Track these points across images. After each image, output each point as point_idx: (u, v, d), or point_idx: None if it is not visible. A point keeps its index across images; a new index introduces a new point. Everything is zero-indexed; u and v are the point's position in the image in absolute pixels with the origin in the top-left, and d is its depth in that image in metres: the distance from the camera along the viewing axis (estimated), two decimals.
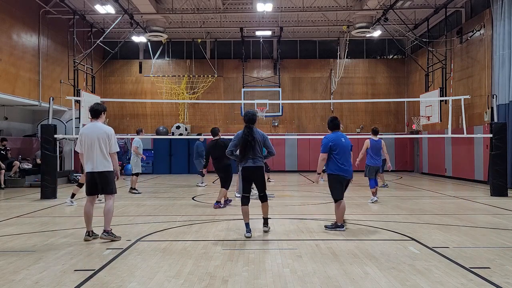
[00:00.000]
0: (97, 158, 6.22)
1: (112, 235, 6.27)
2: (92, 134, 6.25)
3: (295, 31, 22.33)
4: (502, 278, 4.46)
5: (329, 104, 23.35)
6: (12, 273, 4.71)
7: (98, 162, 6.22)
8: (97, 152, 6.22)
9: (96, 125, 6.36)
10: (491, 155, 12.01)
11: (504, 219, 8.12)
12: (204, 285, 4.31)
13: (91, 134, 6.25)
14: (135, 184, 13.02)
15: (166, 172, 21.98)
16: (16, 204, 10.56)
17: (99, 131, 6.28)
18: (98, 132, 6.26)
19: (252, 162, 6.62)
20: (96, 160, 6.21)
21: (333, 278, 4.50)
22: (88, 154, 6.25)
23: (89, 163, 6.24)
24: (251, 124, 6.70)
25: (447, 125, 12.73)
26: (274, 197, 11.78)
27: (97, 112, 6.43)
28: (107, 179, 6.26)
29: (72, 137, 15.34)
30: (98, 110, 6.43)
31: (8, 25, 14.94)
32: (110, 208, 6.30)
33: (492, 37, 14.69)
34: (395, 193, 12.95)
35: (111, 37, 21.40)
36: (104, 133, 6.28)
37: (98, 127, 6.33)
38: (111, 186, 6.30)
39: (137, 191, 12.86)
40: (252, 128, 6.67)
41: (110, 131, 6.36)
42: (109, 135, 6.30)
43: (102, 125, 6.43)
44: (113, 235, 6.28)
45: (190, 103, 23.16)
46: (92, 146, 6.21)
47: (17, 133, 17.73)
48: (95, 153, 6.22)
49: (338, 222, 7.04)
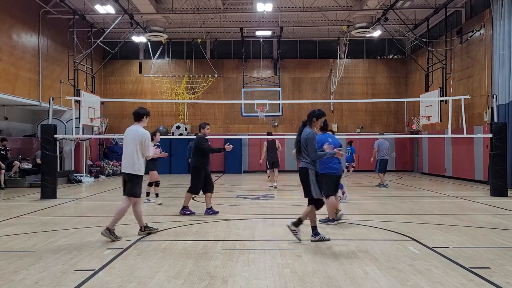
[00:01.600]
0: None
1: (114, 235, 6.29)
2: (127, 136, 6.47)
3: (295, 31, 22.33)
4: (502, 278, 4.46)
5: (329, 104, 23.35)
6: (12, 273, 4.71)
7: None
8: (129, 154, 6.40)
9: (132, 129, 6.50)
10: (491, 155, 12.01)
11: (504, 219, 8.12)
12: (204, 285, 4.31)
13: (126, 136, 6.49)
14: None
15: (166, 172, 21.96)
16: (16, 204, 10.55)
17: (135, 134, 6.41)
18: (133, 135, 6.41)
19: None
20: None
21: (333, 278, 4.50)
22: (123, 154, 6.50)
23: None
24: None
25: (447, 125, 12.73)
26: (274, 197, 11.79)
27: (138, 115, 6.55)
28: (132, 181, 6.37)
29: (72, 137, 15.39)
30: (139, 114, 6.56)
31: (8, 25, 14.94)
32: (123, 209, 6.39)
33: (492, 37, 14.68)
34: (395, 193, 12.94)
35: (111, 37, 21.40)
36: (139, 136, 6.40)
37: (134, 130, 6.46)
38: (133, 188, 6.36)
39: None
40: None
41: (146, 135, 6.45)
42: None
43: (139, 128, 6.50)
44: (114, 235, 6.30)
45: (190, 103, 23.16)
46: (126, 147, 6.41)
47: (17, 133, 17.73)
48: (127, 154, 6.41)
49: (330, 217, 7.44)
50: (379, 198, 11.56)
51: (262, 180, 17.88)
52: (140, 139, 6.34)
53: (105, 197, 12.06)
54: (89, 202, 11.18)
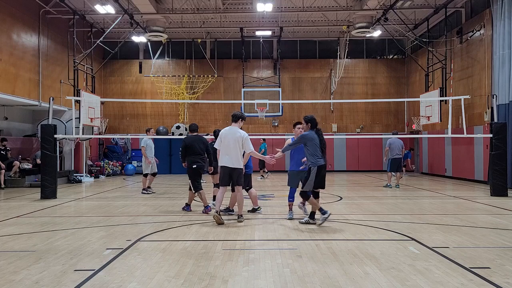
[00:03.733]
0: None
1: (242, 217, 7.79)
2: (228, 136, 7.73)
3: (295, 31, 22.33)
4: (502, 278, 4.46)
5: (329, 104, 23.36)
6: (12, 273, 4.71)
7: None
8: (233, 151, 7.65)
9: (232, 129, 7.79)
10: (491, 155, 12.01)
11: (504, 219, 8.12)
12: (204, 285, 4.31)
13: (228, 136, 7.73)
14: (145, 184, 12.75)
15: (166, 172, 21.96)
16: (16, 204, 10.55)
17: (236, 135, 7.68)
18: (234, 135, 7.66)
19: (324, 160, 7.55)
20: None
21: (333, 278, 4.50)
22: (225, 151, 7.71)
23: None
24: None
25: (447, 125, 12.72)
26: (274, 197, 11.79)
27: (235, 117, 7.99)
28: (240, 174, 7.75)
29: (72, 137, 15.39)
30: (236, 116, 7.99)
31: (8, 25, 14.94)
32: (240, 197, 7.79)
33: (492, 37, 14.69)
34: (395, 193, 12.94)
35: (111, 37, 21.40)
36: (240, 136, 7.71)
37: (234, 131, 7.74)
38: (241, 179, 7.78)
39: (146, 191, 12.60)
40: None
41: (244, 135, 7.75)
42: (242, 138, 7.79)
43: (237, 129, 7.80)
44: (242, 217, 7.79)
45: (190, 103, 23.16)
46: (228, 145, 7.63)
47: (17, 133, 17.73)
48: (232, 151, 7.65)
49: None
50: (379, 198, 11.56)
51: (262, 180, 17.90)
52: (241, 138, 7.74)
53: (105, 197, 12.06)
54: (89, 202, 11.18)
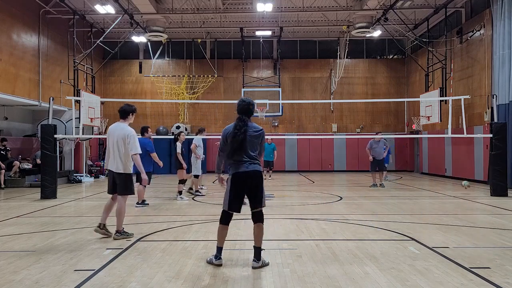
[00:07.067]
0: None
1: (125, 233, 6.40)
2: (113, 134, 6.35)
3: (295, 31, 22.32)
4: (502, 278, 4.46)
5: (329, 104, 23.35)
6: (12, 273, 4.71)
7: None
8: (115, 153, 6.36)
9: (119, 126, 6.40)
10: (491, 155, 12.01)
11: (504, 219, 8.12)
12: (204, 285, 4.31)
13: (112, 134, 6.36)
14: (196, 186, 12.62)
15: (166, 172, 21.95)
16: (16, 204, 10.55)
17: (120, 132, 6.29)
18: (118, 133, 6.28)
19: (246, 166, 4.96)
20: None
21: (333, 278, 4.50)
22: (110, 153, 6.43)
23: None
24: (245, 116, 5.05)
25: (447, 125, 12.72)
26: (274, 197, 11.79)
27: (124, 112, 6.43)
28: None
29: (72, 137, 15.38)
30: (125, 111, 6.43)
31: (8, 25, 14.93)
32: (121, 209, 6.34)
33: (492, 37, 14.68)
34: (395, 193, 12.94)
35: (111, 37, 21.39)
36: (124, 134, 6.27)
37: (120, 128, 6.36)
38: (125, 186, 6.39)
39: (199, 193, 12.40)
40: (246, 121, 5.02)
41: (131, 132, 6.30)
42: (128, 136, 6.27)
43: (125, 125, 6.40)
44: (126, 233, 6.41)
45: (190, 103, 23.15)
46: (112, 146, 6.31)
47: (17, 133, 17.73)
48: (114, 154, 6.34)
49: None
50: (379, 198, 11.56)
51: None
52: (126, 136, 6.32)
53: (105, 197, 12.02)
54: (89, 202, 11.18)
